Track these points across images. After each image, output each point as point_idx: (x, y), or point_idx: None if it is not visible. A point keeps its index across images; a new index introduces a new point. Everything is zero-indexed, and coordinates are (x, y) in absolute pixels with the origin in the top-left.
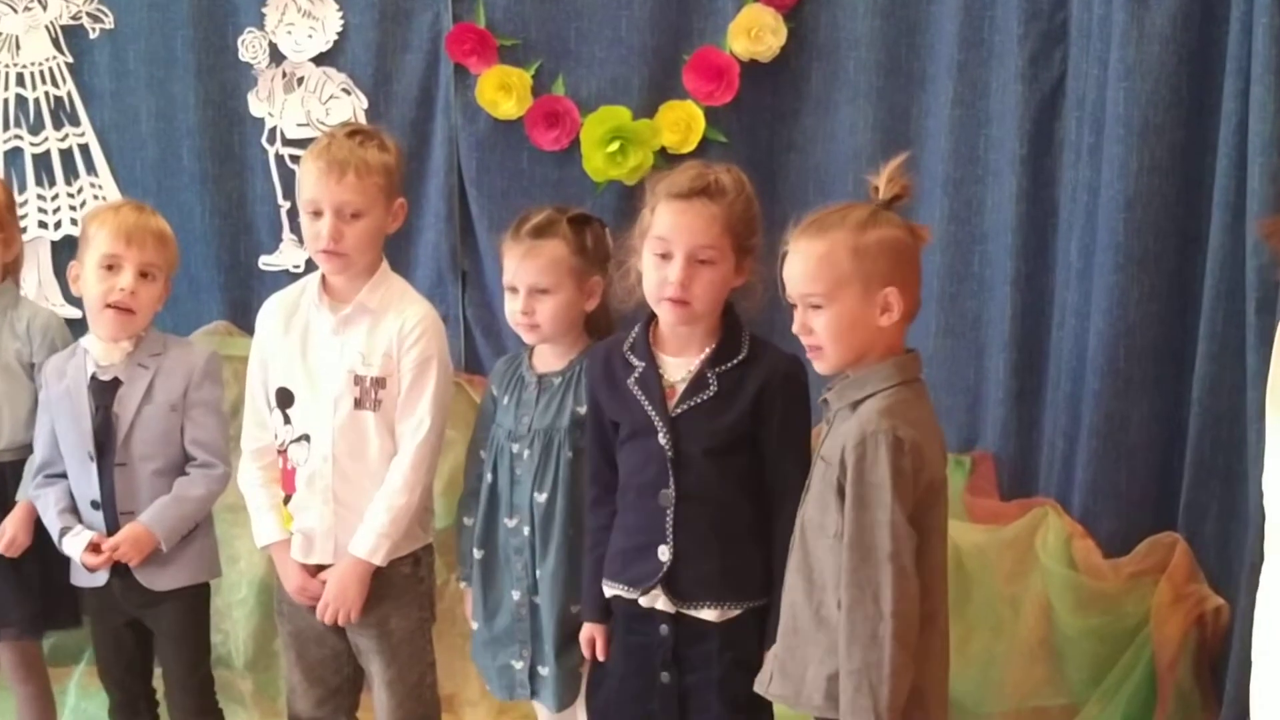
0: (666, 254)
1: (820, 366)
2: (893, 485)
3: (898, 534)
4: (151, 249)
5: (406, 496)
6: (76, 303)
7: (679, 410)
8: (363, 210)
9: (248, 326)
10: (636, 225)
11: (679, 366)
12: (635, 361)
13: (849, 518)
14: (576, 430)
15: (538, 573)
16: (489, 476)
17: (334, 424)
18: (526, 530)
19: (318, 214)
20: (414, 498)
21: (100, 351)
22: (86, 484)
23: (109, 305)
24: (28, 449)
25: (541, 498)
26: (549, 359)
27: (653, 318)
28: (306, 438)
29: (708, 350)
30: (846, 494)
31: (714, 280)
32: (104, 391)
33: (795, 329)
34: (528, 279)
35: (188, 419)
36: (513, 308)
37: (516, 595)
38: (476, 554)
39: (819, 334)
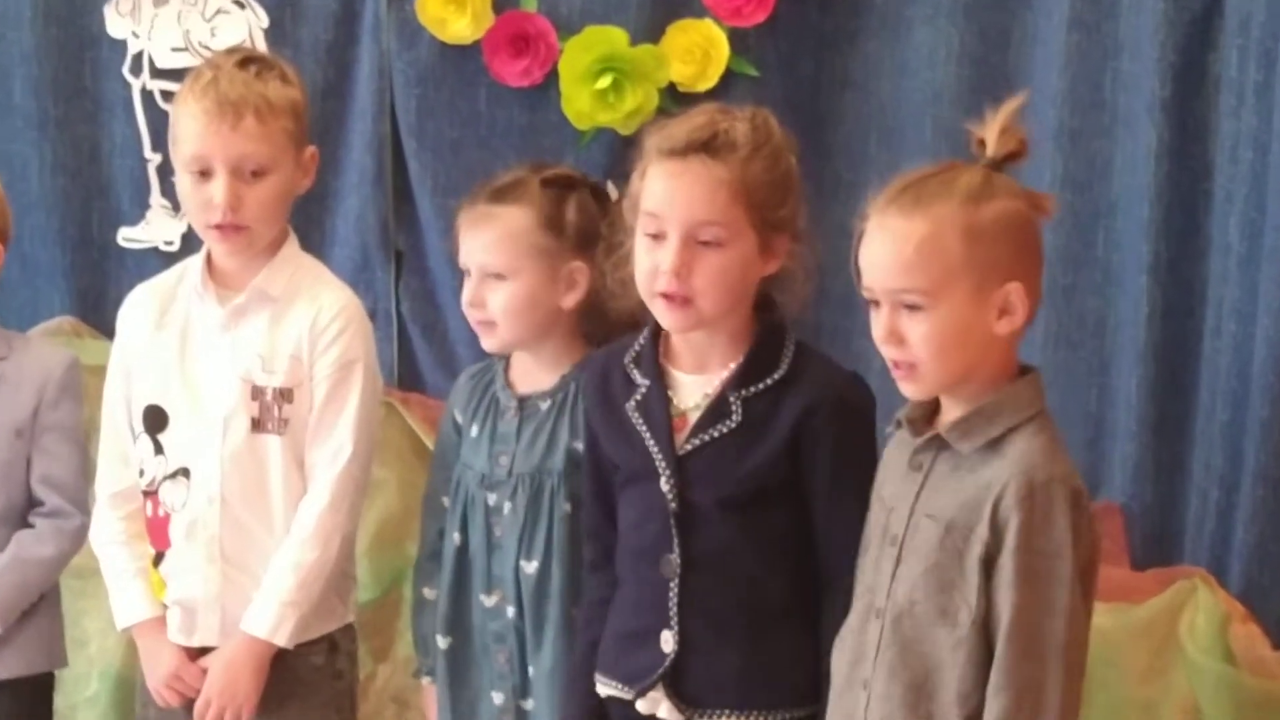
0: (659, 234)
1: (912, 389)
2: (1073, 555)
3: (1075, 619)
4: None
5: (319, 551)
6: None
7: (689, 446)
8: (268, 165)
9: (101, 325)
10: (627, 194)
11: (695, 387)
12: (638, 379)
13: (1008, 599)
14: (575, 473)
15: (530, 669)
16: (456, 537)
17: (223, 453)
18: (511, 611)
19: (205, 173)
20: (330, 553)
21: None
22: None
23: None
24: None
25: (530, 567)
26: (533, 374)
27: None
28: (185, 473)
29: (732, 366)
30: (1002, 566)
31: (723, 267)
32: None
33: (879, 337)
34: (477, 256)
35: (37, 449)
36: (464, 298)
37: (499, 699)
38: (442, 642)
39: (915, 346)
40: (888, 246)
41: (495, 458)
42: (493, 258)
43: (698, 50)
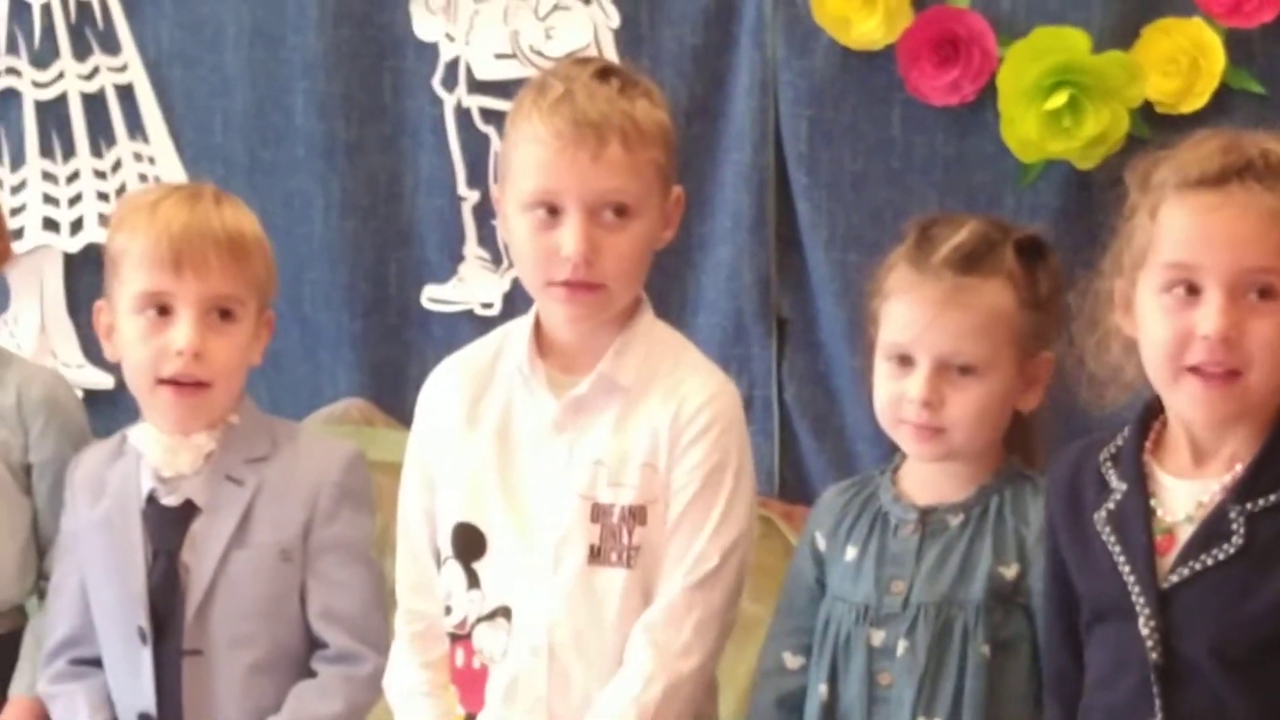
0: (1192, 286)
1: None
2: None
3: None
4: (220, 270)
5: (662, 685)
6: (105, 362)
7: (1175, 577)
8: (632, 207)
9: (400, 410)
10: (1115, 251)
11: (1186, 495)
12: (1114, 481)
13: None
14: (998, 608)
15: None
16: (823, 690)
17: (554, 588)
18: None
19: (553, 212)
20: (677, 697)
21: (162, 454)
22: (133, 683)
23: (163, 380)
24: (25, 613)
25: None
26: (938, 483)
27: (1156, 410)
28: (505, 613)
29: (1238, 468)
30: None
31: None
32: (168, 524)
33: None
34: (944, 344)
35: (312, 574)
36: (902, 390)
37: None
38: None
39: None
40: None
41: (885, 584)
42: (968, 347)
43: (1183, 59)
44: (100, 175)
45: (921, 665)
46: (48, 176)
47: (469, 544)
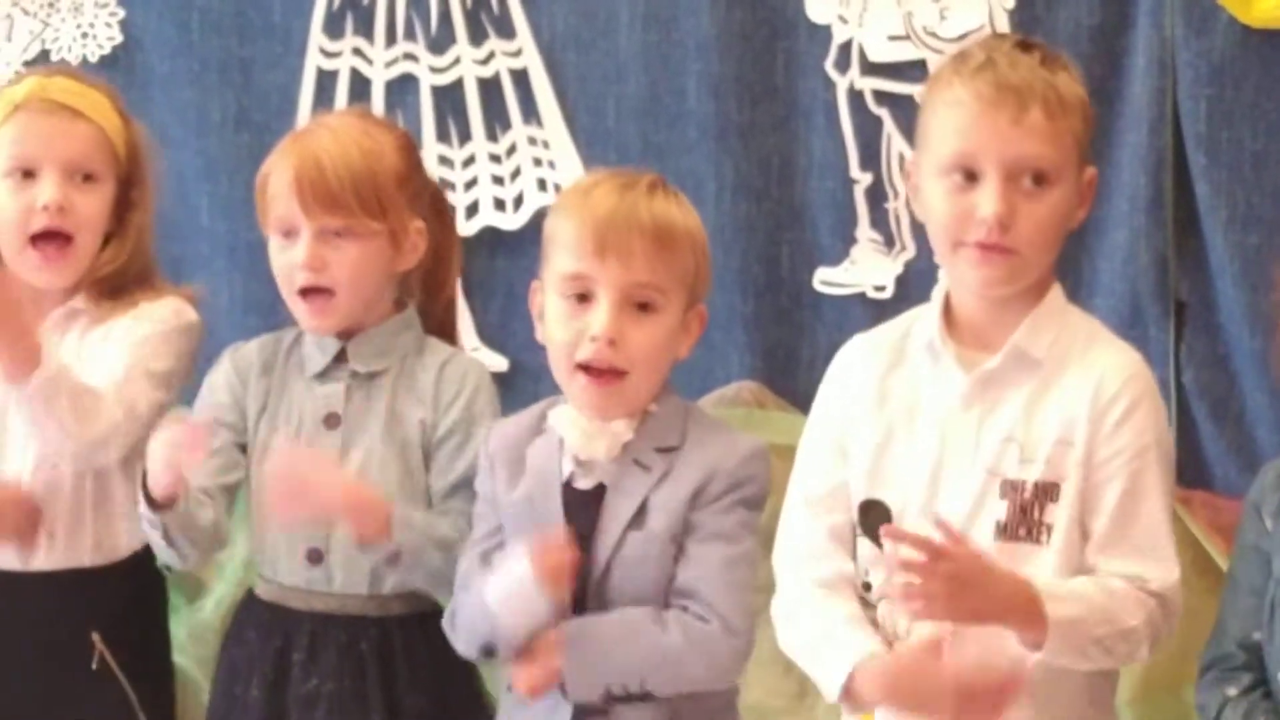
0: None
1: None
2: None
3: None
4: (643, 258)
5: (1110, 611)
6: (499, 344)
7: None
8: (1052, 175)
9: (792, 392)
10: None
11: None
12: None
13: None
14: None
15: None
16: None
17: None
18: None
19: (970, 177)
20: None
21: (580, 438)
22: None
23: (580, 366)
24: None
25: None
26: None
27: None
28: None
29: None
30: None
31: None
32: (582, 506)
33: None
34: None
35: (682, 552)
36: None
37: None
38: None
39: None
40: None
41: None
42: None
43: None
44: (495, 159)
45: None
46: (444, 161)
47: (877, 520)
